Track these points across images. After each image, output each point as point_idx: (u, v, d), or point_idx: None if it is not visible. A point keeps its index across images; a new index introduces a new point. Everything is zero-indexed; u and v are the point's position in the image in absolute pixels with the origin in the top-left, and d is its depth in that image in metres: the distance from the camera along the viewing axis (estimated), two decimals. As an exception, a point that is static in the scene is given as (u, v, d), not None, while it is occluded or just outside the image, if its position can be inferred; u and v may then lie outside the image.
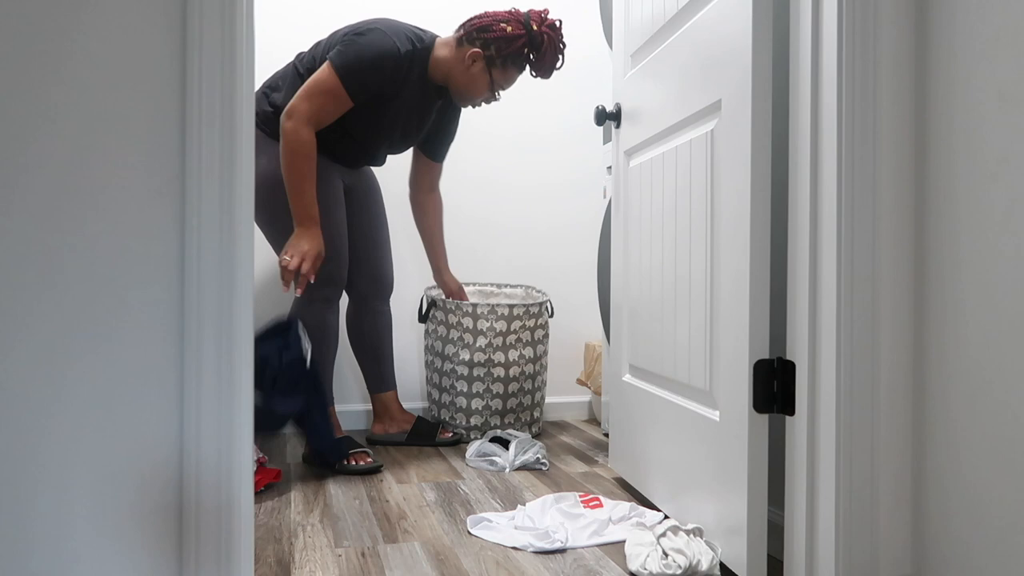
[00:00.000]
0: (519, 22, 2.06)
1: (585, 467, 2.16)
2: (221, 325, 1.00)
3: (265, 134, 2.08)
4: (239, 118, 1.01)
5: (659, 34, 1.75)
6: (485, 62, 2.07)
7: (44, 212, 0.95)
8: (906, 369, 1.21)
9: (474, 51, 2.05)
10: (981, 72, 1.10)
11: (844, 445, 1.17)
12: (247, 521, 1.03)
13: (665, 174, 1.68)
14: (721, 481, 1.38)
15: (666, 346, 1.67)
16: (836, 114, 1.17)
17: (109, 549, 0.97)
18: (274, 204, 2.04)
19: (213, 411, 1.00)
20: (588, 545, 1.51)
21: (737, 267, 1.34)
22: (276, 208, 2.04)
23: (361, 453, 2.09)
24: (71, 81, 0.96)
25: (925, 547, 1.18)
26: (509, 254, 2.90)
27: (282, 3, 2.64)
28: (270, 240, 2.14)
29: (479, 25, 2.06)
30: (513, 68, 2.10)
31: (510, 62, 2.08)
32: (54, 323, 0.95)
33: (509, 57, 2.06)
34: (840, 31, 1.17)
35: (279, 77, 2.13)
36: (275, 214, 2.05)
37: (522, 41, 2.04)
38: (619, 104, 2.03)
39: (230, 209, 1.00)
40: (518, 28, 2.05)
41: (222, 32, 0.99)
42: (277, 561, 1.43)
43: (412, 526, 1.64)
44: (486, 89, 2.12)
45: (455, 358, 2.43)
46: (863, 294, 1.18)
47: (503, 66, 2.08)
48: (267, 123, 2.09)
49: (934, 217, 1.18)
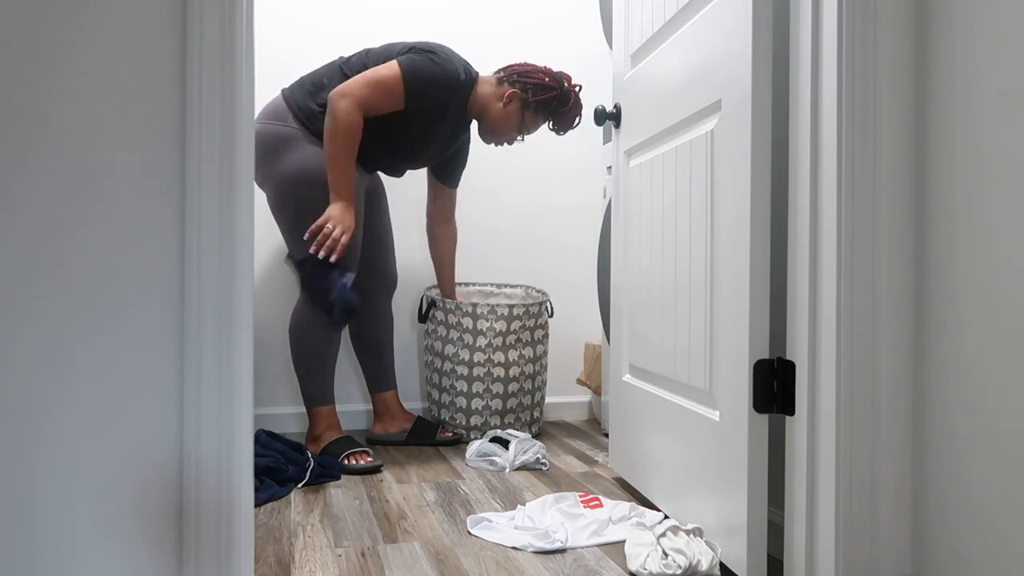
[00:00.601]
0: (554, 77, 2.27)
1: (585, 467, 2.16)
2: (221, 325, 1.00)
3: (307, 131, 2.11)
4: (239, 118, 1.01)
5: (659, 34, 1.75)
6: (520, 104, 2.24)
7: (44, 212, 0.95)
8: (906, 369, 1.21)
9: (513, 91, 2.23)
10: (981, 72, 1.10)
11: (844, 445, 1.17)
12: (247, 521, 1.03)
13: (665, 174, 1.68)
14: (721, 481, 1.38)
15: (666, 346, 1.67)
16: (836, 114, 1.17)
17: (109, 549, 0.97)
18: (304, 202, 2.08)
19: (213, 411, 1.00)
20: (588, 545, 1.51)
21: (737, 267, 1.34)
22: (306, 206, 2.07)
23: (361, 453, 2.10)
24: (71, 81, 0.96)
25: (925, 547, 1.18)
26: (509, 254, 2.89)
27: (282, 4, 2.64)
28: (288, 237, 2.15)
29: (520, 71, 2.26)
30: (541, 116, 2.29)
31: (540, 109, 2.27)
32: (54, 323, 0.95)
33: (541, 104, 2.26)
34: (840, 31, 1.17)
35: (323, 76, 2.17)
36: (303, 211, 2.07)
37: (554, 93, 2.25)
38: (619, 104, 2.03)
39: (230, 209, 1.00)
40: (553, 81, 2.26)
41: (222, 32, 0.99)
42: (277, 561, 1.43)
43: (412, 526, 1.64)
44: (515, 129, 2.28)
45: (455, 358, 2.43)
46: (863, 294, 1.18)
47: (535, 111, 2.27)
48: (312, 121, 2.12)
49: (934, 217, 1.18)
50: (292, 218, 2.11)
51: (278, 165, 2.10)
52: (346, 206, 2.03)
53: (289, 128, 2.10)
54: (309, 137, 2.11)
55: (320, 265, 1.99)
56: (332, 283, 1.99)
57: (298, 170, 2.08)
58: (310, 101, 2.13)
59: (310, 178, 2.08)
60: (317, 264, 1.99)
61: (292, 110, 2.12)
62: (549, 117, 2.30)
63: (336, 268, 2.00)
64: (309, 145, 2.10)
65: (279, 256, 2.60)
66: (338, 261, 2.01)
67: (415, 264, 2.74)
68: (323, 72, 2.18)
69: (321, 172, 2.07)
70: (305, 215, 2.08)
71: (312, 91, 2.15)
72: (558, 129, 2.33)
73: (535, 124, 2.30)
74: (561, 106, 2.27)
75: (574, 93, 2.27)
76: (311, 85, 2.16)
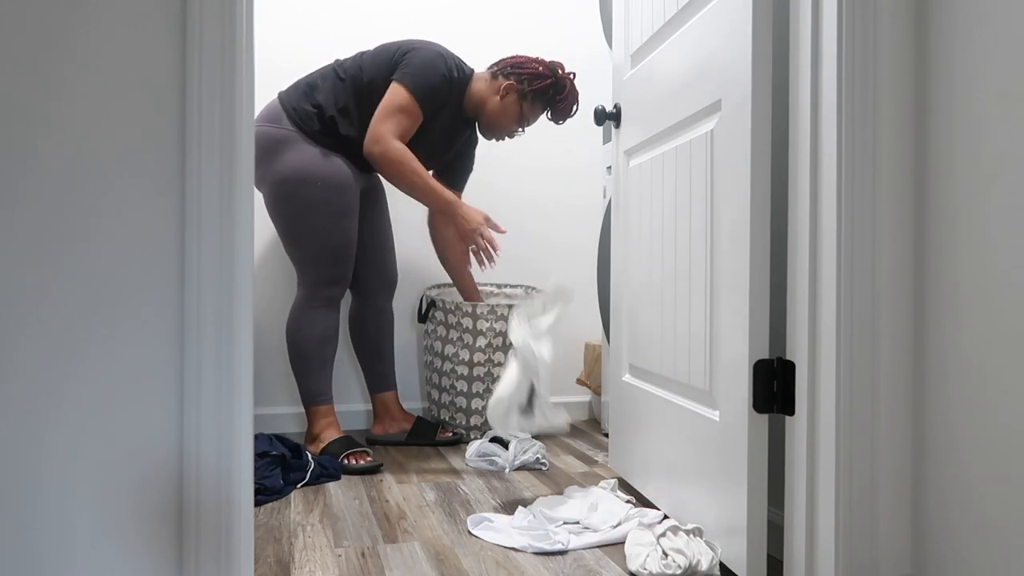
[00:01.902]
0: (547, 66, 2.28)
1: (585, 467, 2.16)
2: (221, 325, 1.00)
3: (302, 132, 2.13)
4: (239, 118, 1.01)
5: (659, 34, 1.75)
6: (517, 95, 2.25)
7: (45, 213, 0.95)
8: (906, 369, 1.21)
9: (508, 83, 2.24)
10: (981, 72, 1.10)
11: (844, 445, 1.17)
12: (247, 521, 1.03)
13: (665, 174, 1.68)
14: (721, 481, 1.38)
15: (666, 346, 1.66)
16: (836, 114, 1.17)
17: (109, 548, 0.97)
18: (299, 202, 2.11)
19: (213, 411, 1.00)
20: (588, 545, 1.51)
21: (737, 267, 1.34)
22: (301, 206, 2.11)
23: (361, 452, 2.10)
24: (71, 83, 0.96)
25: (925, 547, 1.18)
26: (508, 254, 2.88)
27: (282, 3, 2.64)
28: (283, 237, 2.18)
29: (513, 63, 2.27)
30: (539, 104, 2.29)
31: (538, 98, 2.27)
32: (55, 324, 0.95)
33: (538, 93, 2.26)
34: (840, 31, 1.17)
35: (318, 77, 2.19)
36: (299, 211, 2.11)
37: (549, 81, 2.26)
38: (619, 104, 2.03)
39: (230, 209, 1.00)
40: (547, 70, 2.27)
41: (222, 33, 0.99)
42: (277, 561, 1.43)
43: (412, 526, 1.64)
44: (514, 121, 2.29)
45: (455, 358, 2.43)
46: (863, 294, 1.18)
47: (532, 101, 2.27)
48: (306, 121, 2.13)
49: (933, 217, 1.18)
50: (288, 218, 2.13)
51: (274, 166, 2.11)
52: (457, 207, 2.20)
53: (284, 130, 2.12)
54: (304, 138, 2.13)
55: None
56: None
57: (293, 170, 2.10)
58: (304, 102, 2.15)
59: (304, 178, 2.10)
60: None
61: (287, 111, 2.14)
62: (547, 106, 2.30)
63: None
64: (304, 146, 2.12)
65: (277, 256, 2.60)
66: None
67: (415, 264, 2.73)
68: (317, 74, 2.21)
69: (315, 172, 2.10)
70: (300, 215, 2.11)
71: (307, 92, 2.17)
72: (556, 118, 2.33)
73: (534, 114, 2.31)
74: (557, 94, 2.27)
75: (569, 80, 2.28)
76: (305, 87, 2.18)
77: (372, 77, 2.15)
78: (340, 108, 2.14)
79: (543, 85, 2.25)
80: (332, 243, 2.13)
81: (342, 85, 2.16)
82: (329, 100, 2.14)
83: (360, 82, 2.15)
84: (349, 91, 2.15)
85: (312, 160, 2.10)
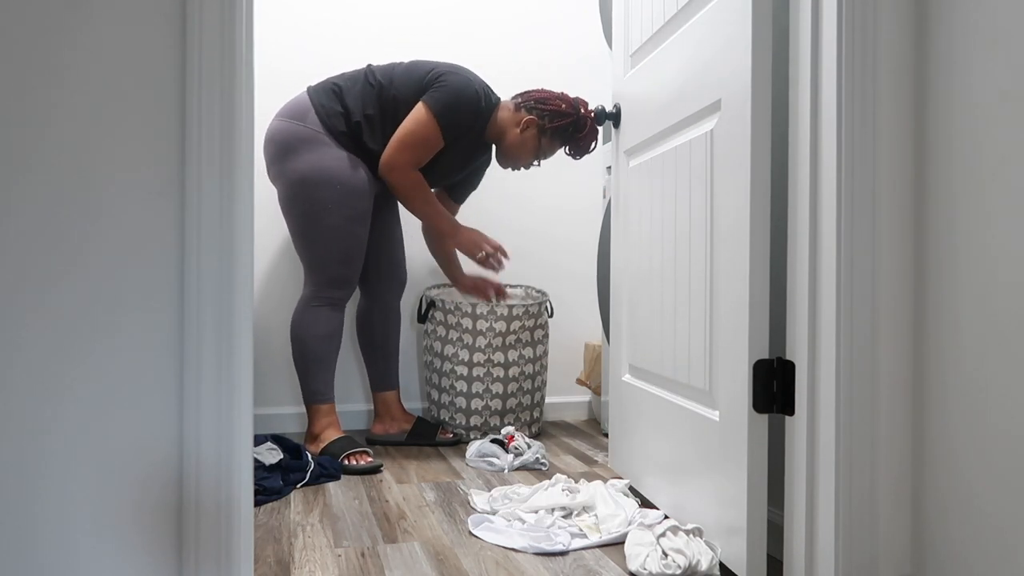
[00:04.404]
0: (570, 103, 2.30)
1: (585, 467, 2.16)
2: (221, 325, 1.00)
3: (327, 131, 2.15)
4: (239, 118, 1.01)
5: (659, 34, 1.75)
6: (537, 129, 2.28)
7: (44, 212, 0.95)
8: (905, 368, 1.21)
9: (530, 118, 2.27)
10: (981, 72, 1.10)
11: (844, 445, 1.17)
12: (247, 521, 1.03)
13: (665, 174, 1.68)
14: (721, 481, 1.38)
15: (666, 346, 1.67)
16: (836, 114, 1.17)
17: (109, 548, 0.97)
18: (313, 203, 2.12)
19: (213, 411, 1.00)
20: (588, 545, 1.51)
21: (737, 267, 1.34)
22: (315, 207, 2.12)
23: (361, 452, 2.10)
24: (71, 82, 0.96)
25: (924, 547, 1.18)
26: (508, 254, 2.89)
27: (282, 4, 2.64)
28: (295, 236, 2.19)
29: (537, 97, 2.30)
30: (557, 141, 2.32)
31: (557, 135, 2.30)
32: (55, 324, 0.95)
33: (558, 130, 2.29)
34: (840, 31, 1.17)
35: (349, 79, 2.22)
36: (312, 212, 2.13)
37: (570, 119, 2.29)
38: (619, 104, 2.03)
39: (230, 209, 1.00)
40: (569, 107, 2.29)
41: (222, 33, 0.99)
42: (277, 561, 1.43)
43: (412, 526, 1.64)
44: (532, 155, 2.33)
45: (455, 358, 2.43)
46: (862, 294, 1.18)
47: (551, 137, 2.30)
48: (331, 119, 2.15)
49: (933, 217, 1.18)
50: (302, 217, 2.15)
51: (292, 164, 2.12)
52: (462, 232, 2.29)
53: (307, 128, 2.14)
54: (327, 139, 2.14)
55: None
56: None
57: (311, 170, 2.11)
58: (335, 102, 2.17)
59: (324, 179, 2.11)
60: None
61: (315, 107, 2.16)
62: (565, 143, 2.33)
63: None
64: (325, 147, 2.13)
65: (282, 255, 2.60)
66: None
67: (415, 265, 2.74)
68: (348, 76, 2.23)
69: (335, 175, 2.11)
70: (315, 215, 2.12)
71: (336, 92, 2.19)
72: (574, 154, 2.36)
73: (551, 149, 2.33)
74: (577, 132, 2.30)
75: (590, 119, 2.30)
76: (335, 86, 2.20)
77: (400, 92, 2.17)
78: (367, 115, 2.17)
79: (563, 123, 2.27)
80: (343, 246, 2.15)
81: (372, 91, 2.18)
82: (357, 104, 2.17)
83: (387, 93, 2.17)
84: (377, 99, 2.18)
85: (333, 163, 2.12)
